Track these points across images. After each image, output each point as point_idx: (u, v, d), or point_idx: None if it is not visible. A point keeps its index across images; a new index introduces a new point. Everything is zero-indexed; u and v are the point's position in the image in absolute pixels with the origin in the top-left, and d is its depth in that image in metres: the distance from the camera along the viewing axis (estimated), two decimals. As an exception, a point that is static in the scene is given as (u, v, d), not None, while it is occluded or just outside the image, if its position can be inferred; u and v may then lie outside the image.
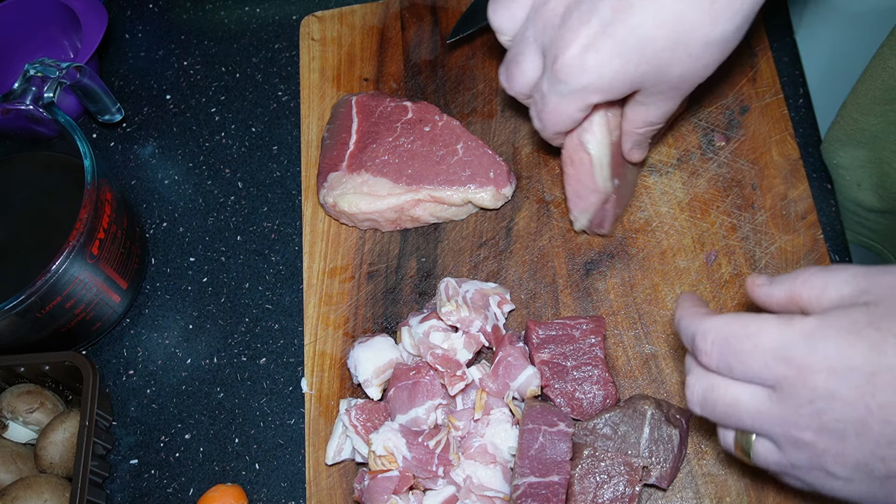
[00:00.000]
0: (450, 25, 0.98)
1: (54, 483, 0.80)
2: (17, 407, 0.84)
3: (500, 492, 0.72)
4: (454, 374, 0.76)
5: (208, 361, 0.90)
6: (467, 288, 0.80)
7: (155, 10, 1.10)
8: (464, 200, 0.86)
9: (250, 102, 1.02)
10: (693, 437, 0.76)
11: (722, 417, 0.57)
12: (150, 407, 0.89)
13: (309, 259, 0.90)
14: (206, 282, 0.94)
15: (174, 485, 0.85)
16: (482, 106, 0.94)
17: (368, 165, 0.88)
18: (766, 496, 0.73)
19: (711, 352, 0.56)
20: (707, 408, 0.57)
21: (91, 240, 0.82)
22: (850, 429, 0.51)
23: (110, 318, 0.91)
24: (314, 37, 1.01)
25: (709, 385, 0.57)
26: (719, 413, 0.57)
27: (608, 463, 0.72)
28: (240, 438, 0.86)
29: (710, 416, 0.58)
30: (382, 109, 0.91)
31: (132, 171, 1.01)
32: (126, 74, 1.06)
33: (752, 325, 0.54)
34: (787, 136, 0.86)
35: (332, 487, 0.80)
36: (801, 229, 0.82)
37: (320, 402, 0.84)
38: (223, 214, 0.97)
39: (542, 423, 0.70)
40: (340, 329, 0.86)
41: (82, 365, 0.82)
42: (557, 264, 0.85)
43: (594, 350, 0.77)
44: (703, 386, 0.57)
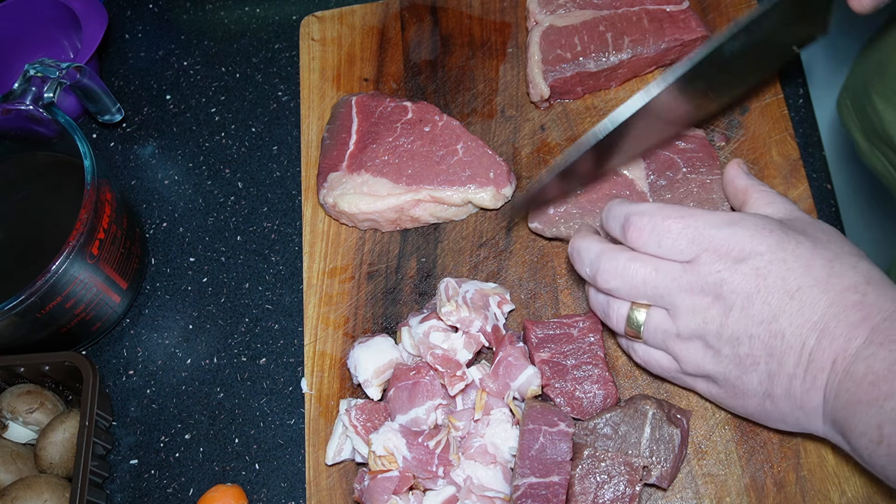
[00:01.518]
0: (450, 25, 0.98)
1: (54, 483, 0.80)
2: (17, 407, 0.84)
3: (500, 492, 0.72)
4: (454, 375, 0.76)
5: (208, 361, 0.90)
6: (467, 288, 0.80)
7: (155, 10, 1.10)
8: (464, 200, 0.86)
9: (250, 102, 1.02)
10: (693, 438, 0.76)
11: (638, 284, 0.66)
12: (150, 407, 0.89)
13: (309, 259, 0.90)
14: (206, 282, 0.94)
15: (174, 485, 0.85)
16: (482, 106, 0.94)
17: (368, 165, 0.88)
18: (766, 496, 0.74)
19: (645, 226, 0.65)
20: (626, 276, 0.66)
21: (91, 240, 0.82)
22: (738, 301, 0.62)
23: (110, 318, 0.91)
24: (314, 37, 1.01)
25: (631, 256, 0.66)
26: (637, 280, 0.66)
27: (608, 463, 0.72)
28: (240, 438, 0.86)
29: (624, 284, 0.66)
30: (382, 110, 0.91)
31: (132, 171, 1.01)
32: (126, 74, 1.06)
33: (685, 210, 0.65)
34: (787, 136, 0.86)
35: (332, 488, 0.80)
36: (801, 229, 0.82)
37: (320, 402, 0.84)
38: (223, 214, 0.97)
39: (542, 423, 0.69)
40: (340, 329, 0.86)
41: (82, 365, 0.82)
42: (557, 264, 0.85)
43: (594, 349, 0.77)
44: (625, 257, 0.66)
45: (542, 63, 0.88)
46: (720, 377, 0.66)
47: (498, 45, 0.97)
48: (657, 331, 0.68)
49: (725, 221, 0.64)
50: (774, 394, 0.63)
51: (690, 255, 0.64)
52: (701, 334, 0.65)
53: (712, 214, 0.64)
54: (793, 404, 0.63)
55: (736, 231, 0.63)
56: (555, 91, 0.89)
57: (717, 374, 0.66)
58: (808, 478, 0.74)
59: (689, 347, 0.67)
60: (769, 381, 0.63)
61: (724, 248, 0.63)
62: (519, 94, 0.93)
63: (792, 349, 0.61)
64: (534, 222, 0.84)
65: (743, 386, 0.65)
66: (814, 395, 0.61)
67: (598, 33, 0.88)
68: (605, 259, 0.67)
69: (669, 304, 0.66)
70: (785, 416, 0.64)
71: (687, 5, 0.89)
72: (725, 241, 0.63)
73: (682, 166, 0.83)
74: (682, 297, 0.65)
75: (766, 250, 0.62)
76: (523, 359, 0.76)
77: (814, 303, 0.60)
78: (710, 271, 0.63)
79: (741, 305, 0.62)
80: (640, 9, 0.89)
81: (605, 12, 0.89)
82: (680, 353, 0.68)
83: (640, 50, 0.87)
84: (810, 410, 0.62)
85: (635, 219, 0.66)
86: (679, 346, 0.67)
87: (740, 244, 0.63)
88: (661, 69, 0.91)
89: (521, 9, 0.97)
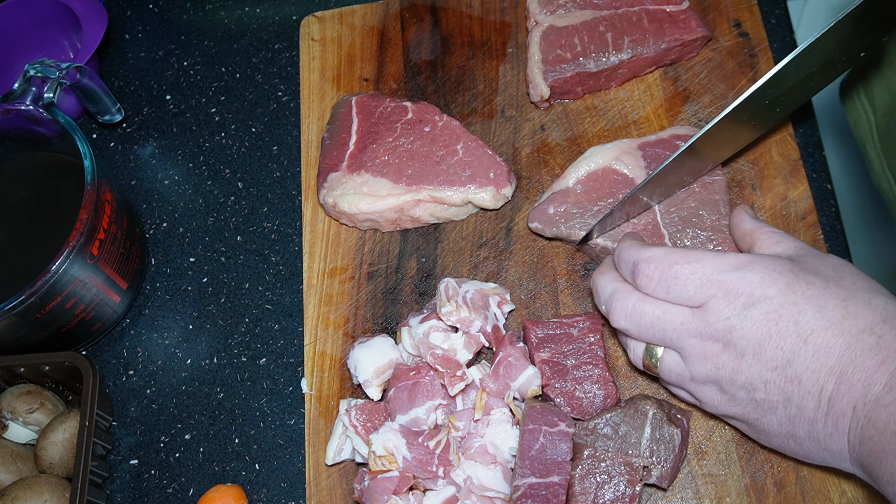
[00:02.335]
0: (450, 25, 0.98)
1: (54, 483, 0.80)
2: (18, 407, 0.84)
3: (500, 492, 0.72)
4: (454, 375, 0.76)
5: (208, 362, 0.90)
6: (467, 288, 0.80)
7: (155, 10, 1.10)
8: (464, 201, 0.86)
9: (250, 103, 1.02)
10: (693, 438, 0.76)
11: (647, 327, 0.66)
12: (150, 407, 0.89)
13: (309, 259, 0.90)
14: (206, 282, 0.94)
15: (174, 485, 0.85)
16: (482, 106, 0.94)
17: (368, 166, 0.88)
18: (766, 496, 0.73)
19: (653, 274, 0.64)
20: (634, 318, 0.66)
21: (91, 240, 0.82)
22: (749, 348, 0.61)
23: (110, 318, 0.91)
24: (314, 37, 1.01)
25: (640, 298, 0.66)
26: (645, 323, 0.65)
27: (609, 463, 0.72)
28: (240, 439, 0.86)
29: (634, 326, 0.66)
30: (382, 110, 0.91)
31: (132, 171, 1.01)
32: (126, 75, 1.06)
33: (693, 254, 0.64)
34: (787, 136, 0.86)
35: (332, 488, 0.80)
36: (801, 229, 0.82)
37: (320, 402, 0.84)
38: (223, 215, 0.97)
39: (542, 423, 0.69)
40: (340, 329, 0.86)
41: (82, 365, 0.82)
42: (557, 264, 0.85)
43: (594, 349, 0.77)
44: (634, 298, 0.66)
45: (542, 63, 0.88)
46: (741, 417, 0.65)
47: (498, 45, 0.97)
48: (672, 372, 0.67)
49: (734, 265, 0.62)
50: (797, 435, 0.62)
51: (700, 301, 0.63)
52: (714, 380, 0.64)
53: (722, 257, 0.63)
54: (817, 446, 0.61)
55: (745, 275, 0.62)
56: (555, 91, 0.89)
57: (737, 415, 0.65)
58: (808, 478, 0.74)
59: (705, 391, 0.66)
60: (790, 424, 0.62)
61: (734, 293, 0.61)
62: (519, 94, 0.93)
63: (810, 394, 0.59)
64: (534, 222, 0.84)
65: (764, 427, 0.64)
66: (837, 438, 0.59)
67: (598, 33, 0.88)
68: (616, 300, 0.67)
69: (679, 349, 0.65)
70: (811, 455, 0.63)
71: (687, 5, 0.89)
72: (735, 285, 0.61)
73: None
74: (691, 343, 0.64)
75: (777, 294, 0.60)
76: (523, 359, 0.76)
77: (829, 347, 0.59)
78: (720, 318, 0.62)
79: (753, 351, 0.61)
80: (640, 9, 0.89)
81: (605, 12, 0.89)
82: (696, 395, 0.67)
83: (641, 50, 0.87)
84: (836, 453, 0.60)
85: (643, 266, 0.65)
86: (695, 389, 0.67)
87: (749, 288, 0.61)
88: (661, 69, 0.91)
89: (521, 9, 0.97)
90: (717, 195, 0.81)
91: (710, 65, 0.90)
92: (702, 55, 0.91)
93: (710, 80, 0.90)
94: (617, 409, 0.74)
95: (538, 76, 0.88)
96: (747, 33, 0.90)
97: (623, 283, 0.68)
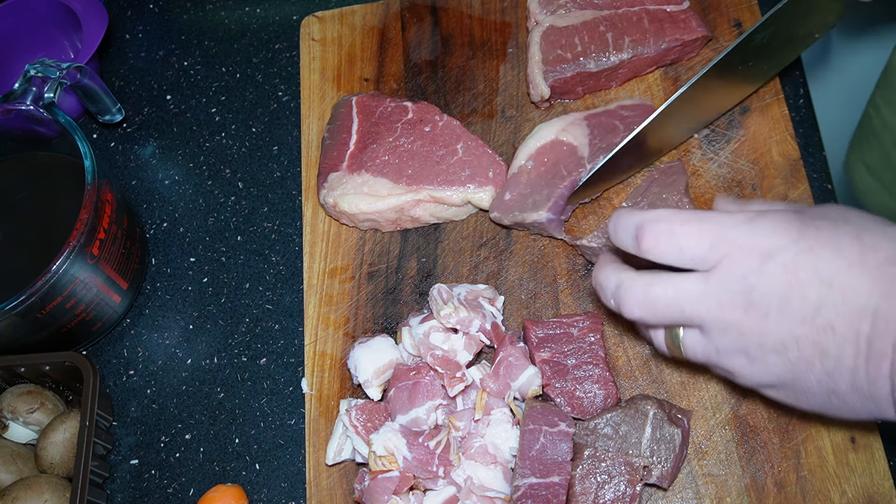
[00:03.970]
0: (450, 25, 0.98)
1: (54, 483, 0.80)
2: (18, 407, 0.84)
3: (500, 492, 0.72)
4: (454, 376, 0.76)
5: (208, 362, 0.90)
6: (459, 291, 0.80)
7: (155, 10, 1.10)
8: (464, 200, 0.86)
9: (250, 103, 1.02)
10: (694, 438, 0.76)
11: (662, 310, 0.61)
12: (151, 407, 0.89)
13: (309, 259, 0.90)
14: (207, 282, 0.94)
15: (174, 485, 0.85)
16: (482, 106, 0.94)
17: (369, 166, 0.88)
18: (766, 496, 0.74)
19: (662, 233, 0.60)
20: (648, 305, 0.61)
21: (91, 240, 0.82)
22: (773, 304, 0.57)
23: (110, 318, 0.91)
24: (314, 37, 1.01)
25: (649, 281, 0.61)
26: (660, 306, 0.61)
27: (609, 463, 0.72)
28: (240, 439, 0.86)
29: (648, 313, 0.62)
30: (382, 110, 0.91)
31: (132, 171, 1.01)
32: (126, 75, 1.06)
33: (700, 213, 0.60)
34: (787, 136, 0.86)
35: (333, 488, 0.80)
36: (801, 229, 0.82)
37: (320, 402, 0.84)
38: (223, 215, 0.97)
39: (542, 423, 0.69)
40: (341, 329, 0.86)
41: (82, 365, 0.82)
42: (557, 264, 0.85)
43: (595, 348, 0.77)
44: (643, 284, 0.62)
45: (542, 63, 0.88)
46: (777, 384, 0.61)
47: (498, 45, 0.97)
48: (696, 351, 0.63)
49: (744, 219, 0.59)
50: (839, 390, 0.58)
51: (713, 262, 0.59)
52: (741, 348, 0.60)
53: (730, 215, 0.60)
54: (861, 396, 0.57)
55: (756, 227, 0.58)
56: (555, 91, 0.89)
57: (773, 381, 0.61)
58: (808, 478, 0.74)
59: (734, 362, 0.62)
60: (830, 379, 0.58)
61: (747, 248, 0.58)
62: (519, 94, 0.93)
63: (847, 341, 0.56)
64: (493, 211, 0.84)
65: (803, 388, 0.60)
66: (882, 384, 0.56)
67: (598, 33, 0.88)
68: (623, 290, 0.63)
69: (699, 323, 0.61)
70: (856, 409, 0.59)
71: (687, 5, 0.89)
72: (747, 240, 0.58)
73: (622, 130, 0.85)
74: (711, 315, 0.60)
75: (790, 242, 0.57)
76: (524, 359, 0.76)
77: (855, 287, 0.55)
78: (737, 278, 0.58)
79: (777, 308, 0.57)
80: (641, 9, 0.89)
81: (605, 12, 0.89)
82: (727, 368, 0.63)
83: (641, 50, 0.87)
84: (881, 399, 0.57)
85: (650, 225, 0.61)
86: (723, 362, 0.62)
87: (762, 241, 0.58)
88: (661, 69, 0.91)
89: (522, 9, 0.97)
90: (675, 176, 0.82)
91: (711, 65, 0.90)
92: (702, 55, 0.91)
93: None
94: (617, 408, 0.74)
95: (538, 76, 0.88)
96: (747, 33, 0.90)
97: (628, 272, 0.64)
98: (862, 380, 0.56)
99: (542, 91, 0.88)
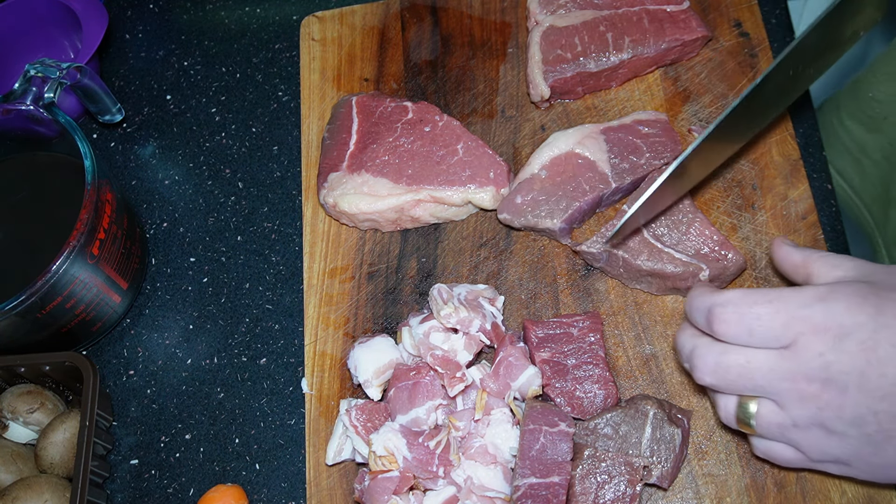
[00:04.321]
0: (450, 25, 0.98)
1: (55, 483, 0.80)
2: (18, 407, 0.84)
3: (500, 492, 0.72)
4: (454, 376, 0.76)
5: (208, 362, 0.90)
6: (459, 291, 0.80)
7: (155, 10, 1.10)
8: (464, 200, 0.86)
9: (250, 102, 1.02)
10: (694, 438, 0.76)
11: (734, 379, 0.61)
12: (151, 407, 0.89)
13: (309, 259, 0.90)
14: (207, 282, 0.94)
15: (174, 485, 0.85)
16: (482, 106, 0.94)
17: (369, 166, 0.88)
18: (766, 496, 0.73)
19: (731, 318, 0.60)
20: (719, 372, 0.62)
21: (91, 240, 0.82)
22: (851, 381, 0.57)
23: (110, 318, 0.91)
24: (314, 37, 1.01)
25: (722, 350, 0.62)
26: (732, 375, 0.61)
27: (609, 463, 0.72)
28: (240, 439, 0.86)
29: (720, 380, 0.62)
30: (383, 110, 0.91)
31: (132, 171, 1.01)
32: (126, 75, 1.06)
33: (771, 293, 0.60)
34: (787, 136, 0.86)
35: (333, 488, 0.80)
36: (801, 229, 0.82)
37: (320, 402, 0.84)
38: (223, 215, 0.97)
39: (542, 423, 0.69)
40: (341, 329, 0.86)
41: (82, 365, 0.82)
42: (557, 264, 0.85)
43: (595, 348, 0.77)
44: (716, 351, 0.62)
45: (542, 63, 0.88)
46: (853, 458, 0.61)
47: (498, 45, 0.97)
48: (770, 424, 0.62)
49: (815, 297, 0.59)
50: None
51: (787, 341, 0.59)
52: (819, 422, 0.60)
53: (801, 292, 0.60)
54: None
55: (830, 306, 0.58)
56: (555, 91, 0.89)
57: (849, 456, 0.61)
58: (808, 478, 0.74)
59: (810, 436, 0.61)
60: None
61: (822, 327, 0.58)
62: (519, 94, 0.93)
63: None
64: (503, 213, 0.84)
65: (881, 460, 0.60)
66: None
67: (598, 33, 0.88)
68: (696, 356, 0.63)
69: (775, 396, 0.61)
70: None
71: (687, 5, 0.89)
72: (822, 319, 0.58)
73: (645, 150, 0.84)
74: (785, 387, 0.60)
75: (867, 320, 0.57)
76: (524, 359, 0.76)
77: None
78: (813, 356, 0.58)
79: (856, 385, 0.57)
80: (641, 9, 0.89)
81: (605, 12, 0.89)
82: (801, 443, 0.62)
83: (641, 50, 0.87)
84: None
85: (719, 311, 0.61)
86: (798, 436, 0.62)
87: (838, 319, 0.58)
88: (661, 69, 0.91)
89: (522, 9, 0.97)
90: None
91: (711, 65, 0.90)
92: (702, 55, 0.91)
93: (710, 79, 0.90)
94: (617, 408, 0.74)
95: (538, 76, 0.88)
96: (747, 33, 0.90)
97: (703, 338, 0.64)
98: None
99: (542, 91, 0.88)
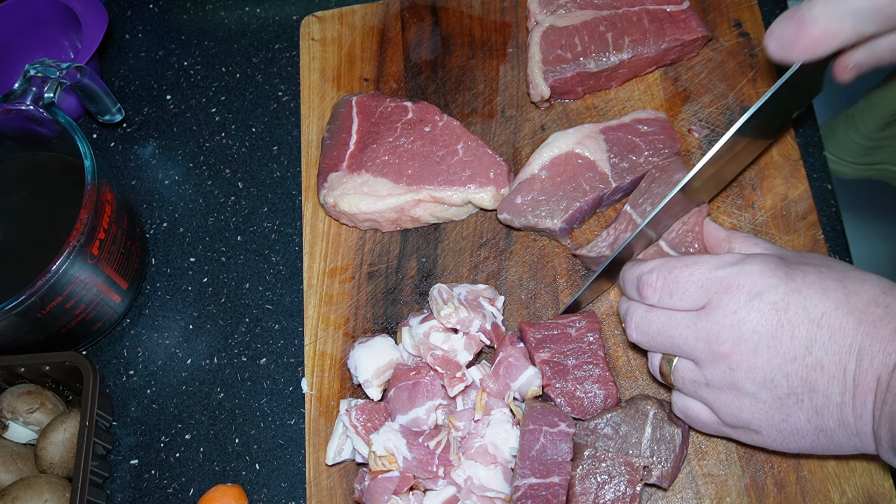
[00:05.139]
0: (450, 25, 0.98)
1: (54, 483, 0.80)
2: (18, 407, 0.84)
3: (500, 492, 0.72)
4: (454, 376, 0.76)
5: (208, 362, 0.90)
6: (459, 291, 0.80)
7: (155, 10, 1.10)
8: (464, 200, 0.86)
9: (250, 102, 1.02)
10: (694, 438, 0.76)
11: (654, 336, 0.66)
12: (151, 407, 0.89)
13: (309, 259, 0.90)
14: (207, 282, 0.94)
15: (174, 485, 0.85)
16: (482, 106, 0.94)
17: (369, 166, 0.88)
18: (766, 496, 0.73)
19: (655, 283, 0.65)
20: (642, 329, 0.67)
21: (91, 240, 0.82)
22: (763, 341, 0.60)
23: (110, 318, 0.91)
24: (314, 37, 1.01)
25: (647, 310, 0.67)
26: (652, 332, 0.66)
27: (609, 463, 0.72)
28: (240, 439, 0.86)
29: (643, 337, 0.67)
30: (383, 110, 0.91)
31: (132, 171, 1.01)
32: (126, 75, 1.06)
33: (690, 259, 0.65)
34: (787, 136, 0.86)
35: (333, 488, 0.80)
36: (801, 229, 0.82)
37: (320, 402, 0.84)
38: (223, 215, 0.97)
39: (542, 423, 0.69)
40: (341, 329, 0.86)
41: (82, 365, 0.82)
42: (557, 264, 0.85)
43: (594, 348, 0.77)
44: (642, 311, 0.67)
45: (542, 63, 0.88)
46: (763, 423, 0.63)
47: (498, 45, 0.97)
48: (685, 380, 0.66)
49: (731, 261, 0.63)
50: (827, 427, 0.61)
51: (703, 301, 0.63)
52: (731, 382, 0.63)
53: (717, 257, 0.64)
54: (848, 433, 0.60)
55: (744, 268, 0.62)
56: (555, 91, 0.89)
57: (760, 420, 0.63)
58: (808, 478, 0.74)
59: (723, 397, 0.64)
60: (818, 417, 0.61)
61: (736, 286, 0.62)
62: (519, 94, 0.93)
63: (835, 378, 0.59)
64: (503, 213, 0.84)
65: (790, 427, 0.62)
66: (867, 419, 0.59)
67: (598, 33, 0.88)
68: (628, 315, 0.68)
69: (691, 355, 0.64)
70: (842, 446, 0.62)
71: (687, 5, 0.89)
72: (735, 278, 0.62)
73: (644, 149, 0.84)
74: (700, 347, 0.63)
75: (779, 282, 0.61)
76: (524, 359, 0.76)
77: (842, 326, 0.59)
78: (726, 313, 0.62)
79: (767, 345, 0.60)
80: (641, 9, 0.89)
81: (605, 12, 0.89)
82: (713, 403, 0.65)
83: (641, 50, 0.87)
84: (867, 436, 0.60)
85: (645, 277, 0.66)
86: (712, 396, 0.65)
87: (750, 280, 0.61)
88: (661, 69, 0.91)
89: (522, 9, 0.97)
90: (676, 176, 0.81)
91: (711, 65, 0.90)
92: (702, 55, 0.91)
93: (710, 80, 0.90)
94: (617, 408, 0.74)
95: (538, 76, 0.88)
96: (747, 33, 0.90)
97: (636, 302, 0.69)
98: (849, 416, 0.59)
99: (542, 91, 0.88)
